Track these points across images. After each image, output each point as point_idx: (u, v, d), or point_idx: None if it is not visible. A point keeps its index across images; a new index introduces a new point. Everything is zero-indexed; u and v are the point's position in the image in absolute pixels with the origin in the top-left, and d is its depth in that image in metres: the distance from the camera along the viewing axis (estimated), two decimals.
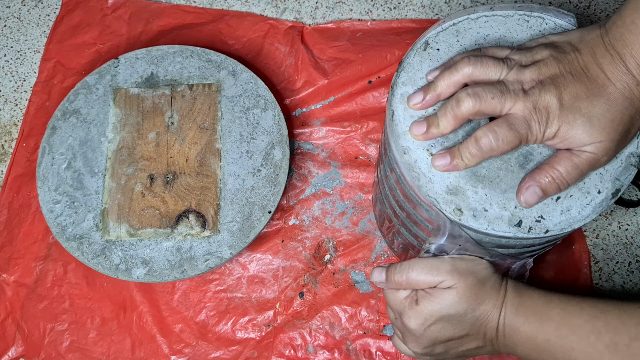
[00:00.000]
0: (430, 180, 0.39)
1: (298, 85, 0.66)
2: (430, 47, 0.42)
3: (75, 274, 0.58)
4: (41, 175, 0.57)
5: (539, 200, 0.37)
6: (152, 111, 0.60)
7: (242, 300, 0.57)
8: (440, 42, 0.42)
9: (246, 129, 0.59)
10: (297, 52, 0.67)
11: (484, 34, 0.42)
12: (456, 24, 0.42)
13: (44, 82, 0.67)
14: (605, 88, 0.35)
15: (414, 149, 0.39)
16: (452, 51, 0.42)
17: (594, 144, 0.36)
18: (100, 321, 0.57)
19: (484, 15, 0.43)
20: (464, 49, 0.42)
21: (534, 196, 0.37)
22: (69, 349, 0.56)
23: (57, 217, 0.56)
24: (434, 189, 0.38)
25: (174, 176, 0.57)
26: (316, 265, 0.58)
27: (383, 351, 0.55)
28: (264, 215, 0.55)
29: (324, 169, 0.62)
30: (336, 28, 0.68)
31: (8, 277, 0.58)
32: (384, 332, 0.56)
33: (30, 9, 0.72)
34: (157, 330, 0.56)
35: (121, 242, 0.55)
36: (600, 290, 0.57)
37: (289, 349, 0.56)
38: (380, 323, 0.56)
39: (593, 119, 0.35)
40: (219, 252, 0.54)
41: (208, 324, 0.57)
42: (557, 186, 0.37)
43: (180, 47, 0.63)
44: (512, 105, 0.37)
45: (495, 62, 0.38)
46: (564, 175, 0.36)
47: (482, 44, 0.42)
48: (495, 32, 0.42)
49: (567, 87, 0.36)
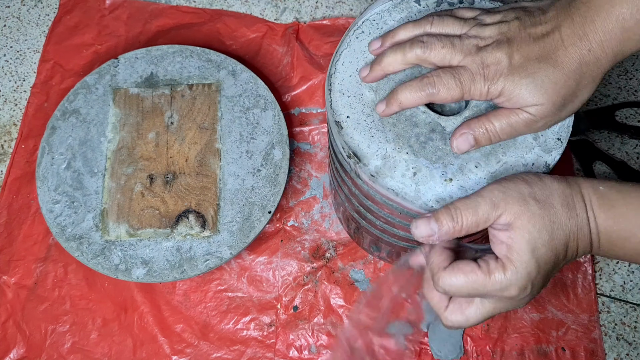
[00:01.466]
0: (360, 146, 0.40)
1: (294, 81, 0.66)
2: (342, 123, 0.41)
3: (75, 275, 0.58)
4: (41, 175, 0.57)
5: (469, 147, 0.38)
6: (151, 111, 0.60)
7: (244, 299, 0.57)
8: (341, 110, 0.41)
9: (246, 129, 0.59)
10: (292, 49, 0.67)
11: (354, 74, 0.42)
12: (331, 88, 0.42)
13: (42, 83, 0.67)
14: (556, 51, 0.36)
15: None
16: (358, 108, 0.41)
17: (534, 106, 0.36)
18: (101, 322, 0.57)
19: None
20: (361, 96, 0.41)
21: (465, 143, 0.38)
22: (71, 350, 0.56)
23: (57, 217, 0.56)
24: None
25: (174, 176, 0.57)
26: (316, 265, 0.58)
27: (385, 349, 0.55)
28: (264, 216, 0.55)
29: (322, 170, 0.62)
30: (331, 25, 0.68)
31: (9, 279, 0.58)
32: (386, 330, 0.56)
33: (29, 8, 0.72)
34: (159, 331, 0.56)
35: (121, 242, 0.55)
36: (600, 290, 0.57)
37: (292, 350, 0.55)
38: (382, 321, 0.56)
39: (537, 80, 0.35)
40: (218, 252, 0.54)
41: (209, 323, 0.57)
42: (489, 138, 0.38)
43: (180, 47, 0.62)
44: (461, 59, 0.37)
45: (455, 20, 0.39)
46: (497, 130, 0.37)
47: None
48: None
49: (522, 47, 0.36)
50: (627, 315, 0.56)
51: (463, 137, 0.38)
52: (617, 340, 0.55)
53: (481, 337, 0.55)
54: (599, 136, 0.63)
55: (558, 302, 0.56)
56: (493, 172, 0.38)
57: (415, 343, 0.55)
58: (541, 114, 0.36)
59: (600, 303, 0.57)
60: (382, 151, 0.39)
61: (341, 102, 0.41)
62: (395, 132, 0.40)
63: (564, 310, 0.56)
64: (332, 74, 0.42)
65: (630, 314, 0.56)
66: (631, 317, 0.56)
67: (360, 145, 0.40)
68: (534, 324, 0.55)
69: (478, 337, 0.55)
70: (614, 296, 0.57)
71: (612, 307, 0.56)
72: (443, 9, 0.43)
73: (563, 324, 0.55)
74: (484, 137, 0.38)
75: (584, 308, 0.56)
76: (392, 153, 0.39)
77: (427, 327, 0.56)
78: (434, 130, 0.40)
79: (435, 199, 0.38)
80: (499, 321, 0.56)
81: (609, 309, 0.56)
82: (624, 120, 0.63)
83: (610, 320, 0.56)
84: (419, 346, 0.55)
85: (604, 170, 0.61)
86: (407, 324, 0.56)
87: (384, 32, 0.43)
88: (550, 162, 0.38)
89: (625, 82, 0.65)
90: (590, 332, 0.55)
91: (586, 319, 0.55)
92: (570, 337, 0.55)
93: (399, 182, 0.39)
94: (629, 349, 0.55)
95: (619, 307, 0.56)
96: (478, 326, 0.56)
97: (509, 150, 0.39)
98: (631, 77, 0.65)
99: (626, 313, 0.56)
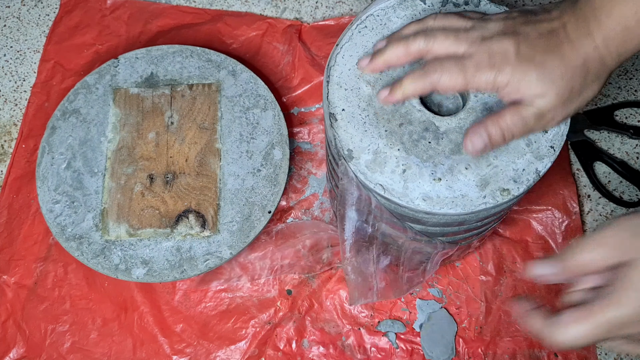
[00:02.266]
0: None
1: (295, 82, 0.66)
2: (337, 115, 0.41)
3: (75, 275, 0.58)
4: (41, 175, 0.57)
5: (484, 146, 0.37)
6: (151, 111, 0.60)
7: (243, 299, 0.57)
8: (337, 103, 0.42)
9: (246, 129, 0.59)
10: (294, 50, 0.67)
11: (353, 67, 0.42)
12: (330, 80, 0.42)
13: (42, 83, 0.67)
14: (562, 45, 0.36)
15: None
16: (354, 101, 0.41)
17: (542, 98, 0.36)
18: (101, 322, 0.57)
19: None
20: (358, 90, 0.42)
21: (480, 141, 0.37)
22: (70, 350, 0.56)
23: (57, 217, 0.56)
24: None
25: (174, 176, 0.57)
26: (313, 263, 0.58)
27: (377, 347, 0.55)
28: (264, 215, 0.55)
29: (322, 169, 0.62)
30: (335, 25, 0.68)
31: (9, 279, 0.58)
32: (378, 328, 0.56)
33: (29, 8, 0.72)
34: (159, 331, 0.56)
35: (121, 242, 0.55)
36: None
37: (284, 343, 0.55)
38: (374, 319, 0.56)
39: (545, 70, 0.35)
40: (218, 252, 0.54)
41: (209, 323, 0.57)
42: (503, 135, 0.37)
43: (180, 47, 0.62)
44: (466, 49, 0.37)
45: (458, 16, 0.39)
46: (510, 125, 0.37)
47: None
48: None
49: (528, 39, 0.36)
50: None
51: (477, 135, 0.37)
52: None
53: (474, 339, 0.55)
54: (599, 136, 0.63)
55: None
56: (483, 175, 0.38)
57: (407, 342, 0.55)
58: (548, 105, 0.36)
59: None
60: (374, 146, 0.39)
61: (338, 94, 0.41)
62: (389, 129, 0.40)
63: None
64: (332, 66, 0.42)
65: None
66: None
67: (353, 138, 0.40)
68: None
69: (470, 340, 0.55)
70: None
71: None
72: (448, 9, 0.43)
73: None
74: (497, 135, 0.37)
75: None
76: (383, 149, 0.39)
77: (420, 326, 0.56)
78: (428, 129, 0.40)
79: (422, 197, 0.38)
80: (492, 323, 0.56)
81: None
82: (624, 120, 0.63)
83: None
84: (411, 346, 0.55)
85: (604, 170, 0.61)
86: (400, 323, 0.56)
87: (387, 28, 0.43)
88: (541, 170, 0.38)
89: (625, 82, 0.65)
90: None
91: None
92: None
93: (388, 177, 0.39)
94: None
95: None
96: (470, 328, 0.55)
97: (500, 154, 0.39)
98: (631, 77, 0.65)
99: None
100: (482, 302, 0.56)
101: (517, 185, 0.38)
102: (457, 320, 0.56)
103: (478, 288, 0.57)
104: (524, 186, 0.38)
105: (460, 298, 0.57)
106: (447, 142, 0.39)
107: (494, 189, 0.38)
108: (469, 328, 0.55)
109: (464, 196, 0.38)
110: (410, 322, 0.56)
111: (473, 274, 0.57)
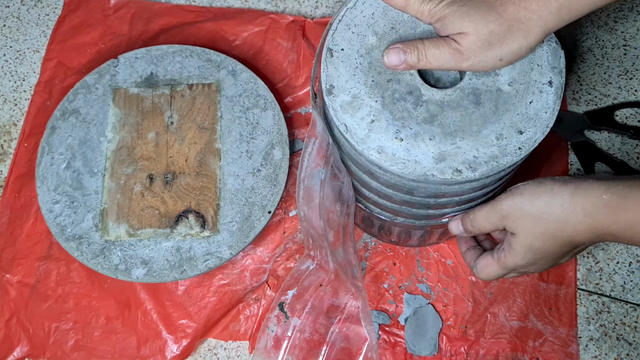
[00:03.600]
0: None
1: (300, 81, 0.65)
2: (334, 52, 0.43)
3: (78, 273, 0.59)
4: (40, 175, 0.58)
5: (399, 62, 0.40)
6: (151, 111, 0.60)
7: (246, 293, 0.58)
8: (339, 42, 0.43)
9: (246, 129, 0.59)
10: (298, 47, 0.66)
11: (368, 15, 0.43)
12: (341, 19, 0.43)
13: (45, 82, 0.67)
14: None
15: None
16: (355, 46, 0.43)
17: (461, 35, 0.39)
18: (104, 319, 0.57)
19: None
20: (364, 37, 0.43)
21: (395, 56, 0.40)
22: (74, 348, 0.56)
23: (57, 217, 0.56)
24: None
25: (174, 176, 0.57)
26: None
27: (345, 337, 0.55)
28: (264, 215, 0.56)
29: None
30: None
31: (12, 278, 0.59)
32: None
33: (29, 8, 0.72)
34: (163, 327, 0.57)
35: (120, 242, 0.55)
36: (600, 290, 0.57)
37: (300, 339, 0.56)
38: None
39: (470, 10, 0.38)
40: (218, 252, 0.54)
41: (213, 318, 0.57)
42: (418, 57, 0.40)
43: (180, 47, 0.62)
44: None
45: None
46: (425, 51, 0.40)
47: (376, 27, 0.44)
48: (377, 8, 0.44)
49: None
50: (627, 315, 0.56)
51: (394, 50, 0.40)
52: (617, 340, 0.55)
53: (458, 337, 0.55)
54: (599, 136, 0.63)
55: (539, 312, 0.56)
56: (443, 151, 0.39)
57: (391, 335, 0.56)
58: (467, 45, 0.38)
59: (600, 303, 0.57)
60: (356, 90, 0.41)
61: (344, 35, 0.43)
62: (376, 80, 0.41)
63: (544, 321, 0.55)
64: (349, 7, 0.43)
65: (631, 314, 0.56)
66: (631, 317, 0.56)
67: (339, 77, 0.41)
68: (512, 331, 0.55)
69: (454, 337, 0.55)
70: (614, 296, 0.57)
71: (612, 307, 0.56)
72: None
73: (541, 334, 0.55)
74: (412, 54, 0.40)
75: (563, 322, 0.55)
76: (363, 96, 0.41)
77: (405, 320, 0.56)
78: (411, 93, 0.41)
79: (378, 150, 0.39)
80: (477, 324, 0.56)
81: (609, 309, 0.56)
82: (624, 120, 0.63)
83: (611, 320, 0.56)
84: (394, 338, 0.56)
85: (604, 171, 0.61)
86: (386, 315, 0.56)
87: None
88: (502, 164, 0.39)
89: (625, 82, 0.65)
90: (567, 347, 0.55)
91: (564, 332, 0.55)
92: (547, 349, 0.55)
93: (356, 122, 0.40)
94: (629, 349, 0.55)
95: (619, 307, 0.56)
96: (456, 326, 0.56)
97: (468, 138, 0.40)
98: (631, 77, 0.65)
99: (626, 313, 0.56)
100: (469, 302, 0.56)
101: (472, 171, 0.39)
102: (442, 317, 0.56)
103: (467, 288, 0.57)
104: (477, 174, 0.39)
105: (448, 296, 0.57)
106: (423, 110, 0.41)
107: (448, 166, 0.39)
108: (454, 326, 0.56)
109: (417, 162, 0.39)
110: (396, 315, 0.56)
111: (463, 274, 0.58)
